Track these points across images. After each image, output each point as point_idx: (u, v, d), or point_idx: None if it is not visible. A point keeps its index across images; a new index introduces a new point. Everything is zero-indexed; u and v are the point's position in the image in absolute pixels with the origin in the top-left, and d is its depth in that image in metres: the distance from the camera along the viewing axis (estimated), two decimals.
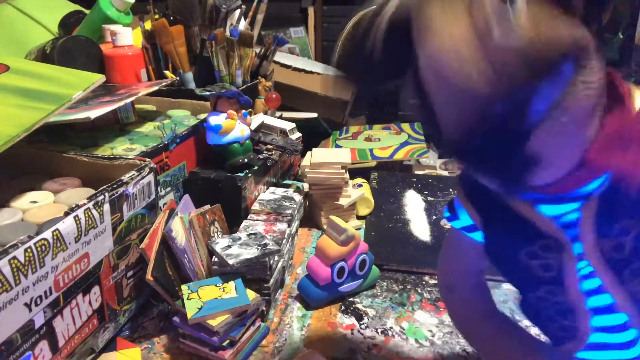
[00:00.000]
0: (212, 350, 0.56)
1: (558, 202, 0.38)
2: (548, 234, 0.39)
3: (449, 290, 0.52)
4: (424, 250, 0.80)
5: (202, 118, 0.87)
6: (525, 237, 0.40)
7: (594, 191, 0.36)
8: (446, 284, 0.53)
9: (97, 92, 0.82)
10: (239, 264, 0.60)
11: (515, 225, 0.41)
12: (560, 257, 0.39)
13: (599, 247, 0.36)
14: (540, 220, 0.39)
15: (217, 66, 1.00)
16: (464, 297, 0.51)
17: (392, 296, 0.71)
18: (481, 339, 0.52)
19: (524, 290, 0.45)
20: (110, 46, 0.97)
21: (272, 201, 0.81)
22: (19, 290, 0.43)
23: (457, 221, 0.48)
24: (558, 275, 0.39)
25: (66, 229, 0.48)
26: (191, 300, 0.57)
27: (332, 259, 0.66)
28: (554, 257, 0.39)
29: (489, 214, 0.44)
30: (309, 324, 0.65)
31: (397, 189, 1.00)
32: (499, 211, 0.42)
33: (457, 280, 0.52)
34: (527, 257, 0.41)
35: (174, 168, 0.76)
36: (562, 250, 0.38)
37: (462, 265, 0.51)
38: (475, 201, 0.45)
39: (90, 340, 0.55)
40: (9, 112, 0.58)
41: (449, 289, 0.52)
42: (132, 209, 0.59)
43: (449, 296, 0.53)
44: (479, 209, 0.45)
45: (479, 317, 0.51)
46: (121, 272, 0.59)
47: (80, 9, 1.17)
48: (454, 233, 0.49)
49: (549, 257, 0.39)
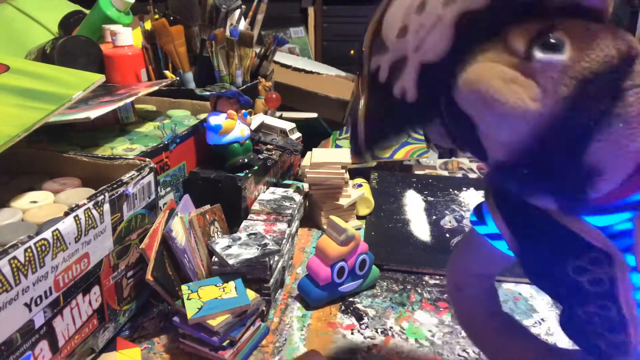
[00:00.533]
0: (212, 350, 0.56)
1: (607, 213, 0.36)
2: (597, 246, 0.37)
3: (458, 288, 0.52)
4: (424, 250, 0.80)
5: (202, 118, 0.87)
6: (571, 251, 0.38)
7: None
8: (455, 282, 0.52)
9: (97, 92, 0.82)
10: (239, 264, 0.60)
11: (559, 239, 0.39)
12: (612, 270, 0.37)
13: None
14: (588, 233, 0.37)
15: (217, 66, 1.00)
16: (472, 296, 0.51)
17: (392, 296, 0.71)
18: (485, 338, 0.51)
19: (570, 306, 0.43)
20: (110, 46, 0.97)
21: (272, 201, 0.81)
22: (19, 290, 0.43)
23: (483, 227, 0.46)
24: (610, 289, 0.37)
25: (66, 229, 0.48)
26: (191, 300, 0.57)
27: (332, 259, 0.66)
28: (605, 271, 0.37)
29: (526, 228, 0.42)
30: (309, 324, 0.65)
31: (397, 189, 1.00)
32: (539, 225, 0.40)
33: (467, 281, 0.51)
34: (575, 273, 0.38)
35: (174, 168, 0.76)
36: (614, 262, 0.37)
37: (475, 268, 0.51)
38: (507, 214, 0.43)
39: (90, 340, 0.55)
40: (9, 112, 0.58)
41: (458, 288, 0.52)
42: (132, 209, 0.59)
43: (457, 294, 0.52)
44: (512, 222, 0.43)
45: (484, 316, 0.51)
46: (121, 272, 0.59)
47: (80, 9, 1.17)
48: (475, 236, 0.48)
49: (599, 271, 0.37)
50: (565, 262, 0.39)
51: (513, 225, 0.43)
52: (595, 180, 0.32)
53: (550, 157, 0.31)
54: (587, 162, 0.31)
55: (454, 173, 1.17)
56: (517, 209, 0.41)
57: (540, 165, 0.31)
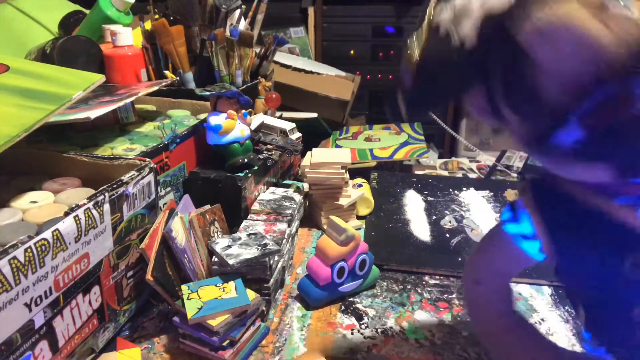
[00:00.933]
0: (212, 350, 0.56)
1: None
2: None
3: (476, 282, 0.52)
4: (424, 250, 0.80)
5: (202, 118, 0.87)
6: (626, 245, 0.37)
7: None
8: (474, 277, 0.52)
9: (97, 92, 0.82)
10: (239, 264, 0.60)
11: (613, 235, 0.38)
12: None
13: None
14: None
15: (217, 66, 1.00)
16: (487, 292, 0.51)
17: (392, 296, 0.71)
18: (494, 334, 0.52)
19: (624, 308, 0.41)
20: (110, 46, 0.97)
21: (272, 201, 0.81)
22: (19, 290, 0.43)
23: (515, 225, 0.45)
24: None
25: (66, 229, 0.48)
26: (191, 300, 0.57)
27: (332, 259, 0.66)
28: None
29: (570, 226, 0.41)
30: (309, 324, 0.65)
31: (397, 189, 1.00)
32: (588, 223, 0.39)
33: (486, 277, 0.51)
34: (634, 267, 0.38)
35: (174, 168, 0.76)
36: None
37: (497, 266, 0.51)
38: (549, 212, 0.42)
39: (90, 340, 0.55)
40: (9, 112, 0.58)
41: (476, 282, 0.52)
42: (132, 209, 0.59)
43: (474, 288, 0.52)
44: (554, 221, 0.42)
45: (497, 313, 0.51)
46: (121, 272, 0.59)
47: (80, 9, 1.17)
48: (501, 234, 0.47)
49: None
50: (622, 257, 0.38)
51: (555, 224, 0.42)
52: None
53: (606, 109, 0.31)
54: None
55: (454, 173, 1.17)
56: (560, 207, 0.40)
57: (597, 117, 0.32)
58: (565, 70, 0.33)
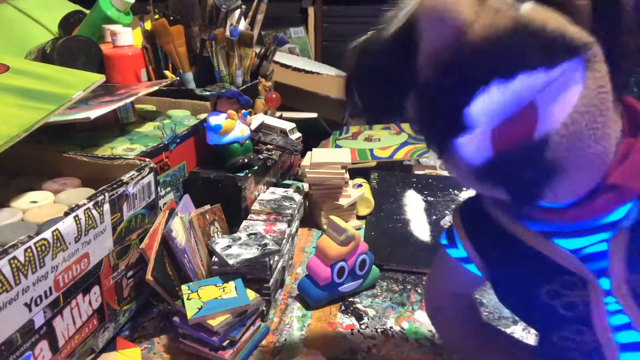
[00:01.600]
0: (212, 350, 0.56)
1: (579, 235, 0.35)
2: (569, 269, 0.36)
3: (437, 310, 0.52)
4: (424, 250, 0.80)
5: (202, 118, 0.87)
6: (543, 275, 0.37)
7: (619, 221, 0.34)
8: (433, 305, 0.53)
9: (97, 92, 0.82)
10: (239, 264, 0.60)
11: (530, 262, 0.38)
12: (586, 294, 0.36)
13: (630, 285, 0.34)
14: (559, 255, 0.36)
15: (217, 66, 1.00)
16: (450, 315, 0.51)
17: (392, 296, 0.71)
18: (468, 354, 0.51)
19: (545, 332, 0.42)
20: (110, 46, 0.97)
21: (272, 201, 0.81)
22: (19, 290, 0.43)
23: (455, 250, 0.46)
24: (584, 313, 0.36)
25: (66, 229, 0.48)
26: (191, 300, 0.57)
27: (332, 259, 0.66)
28: (578, 294, 0.36)
29: (495, 252, 0.41)
30: (309, 324, 0.65)
31: (397, 189, 1.00)
32: (509, 248, 0.39)
33: (444, 302, 0.51)
34: (548, 296, 0.37)
35: (174, 168, 0.76)
36: (587, 286, 0.36)
37: (451, 289, 0.51)
38: (476, 238, 0.43)
39: (90, 340, 0.55)
40: (9, 112, 0.58)
41: (437, 310, 0.52)
42: (132, 209, 0.59)
43: (437, 315, 0.53)
44: (481, 247, 0.42)
45: (465, 334, 0.51)
46: (121, 272, 0.59)
47: (80, 9, 1.17)
48: (447, 259, 0.48)
49: (572, 294, 0.37)
50: (539, 286, 0.38)
51: (482, 250, 0.42)
52: (553, 177, 0.31)
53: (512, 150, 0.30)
54: (547, 155, 0.30)
55: None
56: (485, 232, 0.40)
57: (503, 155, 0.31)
58: (429, 45, 0.33)
